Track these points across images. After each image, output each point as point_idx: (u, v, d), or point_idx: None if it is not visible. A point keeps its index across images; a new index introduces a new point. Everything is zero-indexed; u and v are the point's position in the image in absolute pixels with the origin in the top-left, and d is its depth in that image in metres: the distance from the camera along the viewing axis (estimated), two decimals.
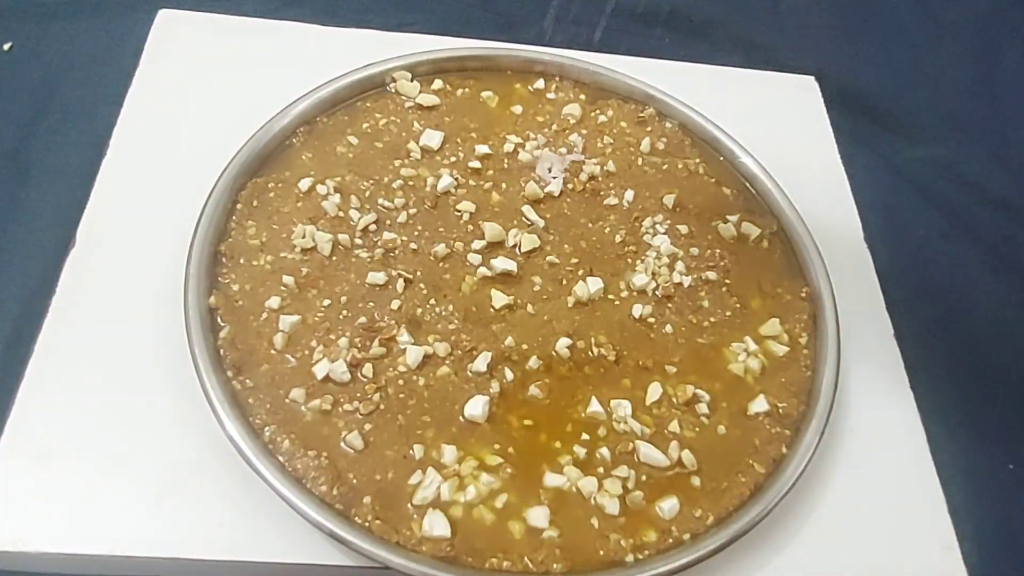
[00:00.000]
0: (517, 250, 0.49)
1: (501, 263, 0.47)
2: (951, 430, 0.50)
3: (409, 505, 0.39)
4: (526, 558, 0.38)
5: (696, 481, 0.42)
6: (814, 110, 0.63)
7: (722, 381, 0.46)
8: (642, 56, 0.62)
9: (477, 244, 0.48)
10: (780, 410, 0.45)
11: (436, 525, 0.38)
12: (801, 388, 0.46)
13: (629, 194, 0.52)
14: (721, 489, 0.42)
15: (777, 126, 0.61)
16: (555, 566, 0.38)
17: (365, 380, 0.42)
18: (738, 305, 0.49)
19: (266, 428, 0.40)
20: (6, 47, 0.58)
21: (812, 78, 0.65)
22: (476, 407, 0.42)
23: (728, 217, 0.53)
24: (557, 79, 0.58)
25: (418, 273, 0.47)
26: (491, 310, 0.46)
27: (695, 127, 0.57)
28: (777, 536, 0.43)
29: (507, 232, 0.49)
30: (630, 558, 0.39)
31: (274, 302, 0.44)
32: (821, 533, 0.44)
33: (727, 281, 0.50)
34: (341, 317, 0.44)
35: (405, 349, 0.44)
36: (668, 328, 0.47)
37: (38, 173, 0.52)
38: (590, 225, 0.51)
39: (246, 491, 0.39)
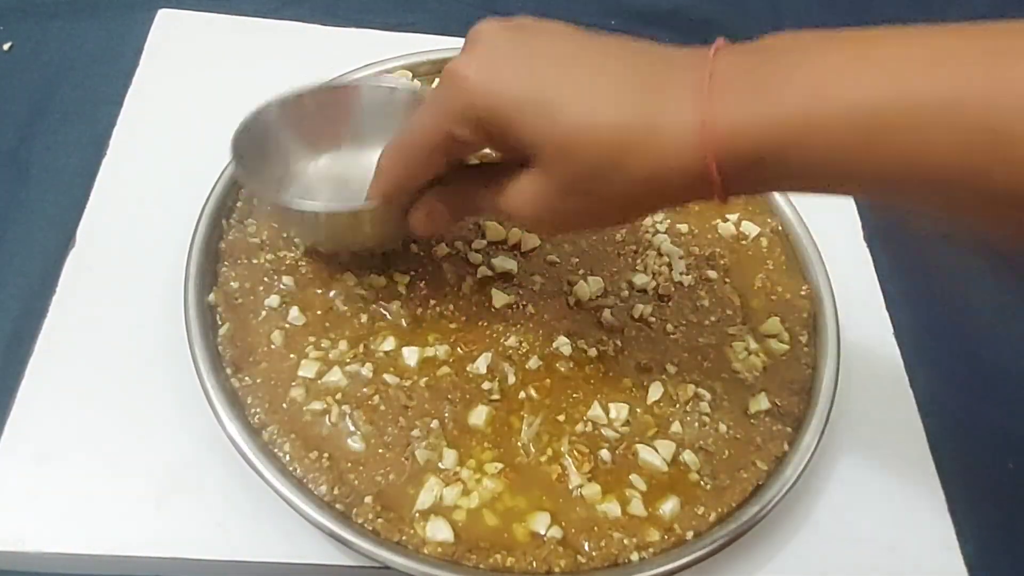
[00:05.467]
0: (518, 249, 0.49)
1: (501, 262, 0.47)
2: (951, 430, 0.50)
3: (410, 507, 0.39)
4: (529, 555, 0.38)
5: (698, 479, 0.42)
6: None
7: (723, 380, 0.46)
8: None
9: (478, 244, 0.48)
10: (781, 408, 0.45)
11: (438, 529, 0.38)
12: (802, 386, 0.46)
13: None
14: (723, 487, 0.42)
15: None
16: (560, 563, 0.38)
17: (365, 380, 0.42)
18: (739, 304, 0.49)
19: (266, 428, 0.40)
20: (6, 47, 0.58)
21: None
22: (478, 414, 0.42)
23: (728, 216, 0.53)
24: None
25: (418, 273, 0.47)
26: (491, 310, 0.46)
27: None
28: (777, 535, 0.43)
29: (508, 231, 0.49)
30: (635, 556, 0.39)
31: (274, 300, 0.44)
32: (821, 533, 0.44)
33: (727, 280, 0.50)
34: (341, 317, 0.44)
35: (405, 349, 0.44)
36: (668, 328, 0.47)
37: (38, 173, 0.52)
38: None
39: (246, 491, 0.39)
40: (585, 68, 0.33)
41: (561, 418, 0.43)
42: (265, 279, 0.45)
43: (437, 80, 0.56)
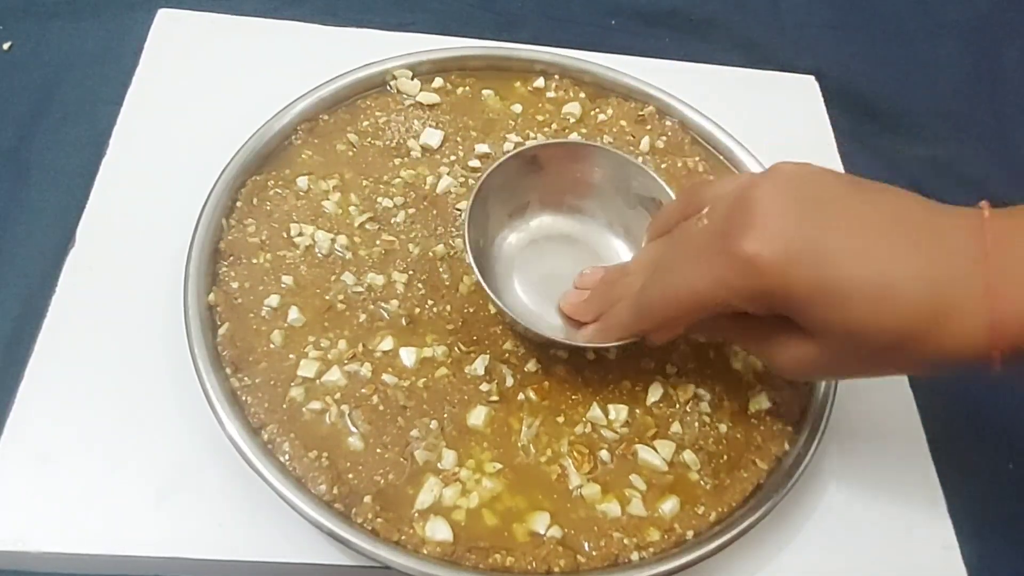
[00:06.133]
0: None
1: None
2: (951, 430, 0.50)
3: (409, 506, 0.39)
4: (528, 555, 0.38)
5: (698, 480, 0.42)
6: (814, 110, 0.63)
7: (723, 380, 0.46)
8: (642, 56, 0.62)
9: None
10: (781, 408, 0.45)
11: (437, 529, 0.38)
12: (802, 386, 0.46)
13: None
14: (723, 487, 0.42)
15: (777, 126, 0.60)
16: (560, 562, 0.38)
17: (364, 380, 0.42)
18: None
19: (265, 428, 0.40)
20: (6, 47, 0.58)
21: (812, 78, 0.65)
22: (477, 415, 0.42)
23: None
24: (557, 78, 0.58)
25: (416, 273, 0.47)
26: (489, 311, 0.46)
27: (695, 126, 0.57)
28: (777, 536, 0.43)
29: None
30: (635, 556, 0.39)
31: (273, 300, 0.44)
32: (821, 533, 0.44)
33: None
34: (340, 316, 0.44)
35: (403, 350, 0.44)
36: None
37: (38, 173, 0.52)
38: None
39: (246, 491, 0.39)
40: (872, 248, 0.32)
41: (560, 419, 0.43)
42: (265, 279, 0.45)
43: (437, 79, 0.56)
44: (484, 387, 0.43)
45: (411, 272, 0.46)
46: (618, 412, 0.43)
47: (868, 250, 0.32)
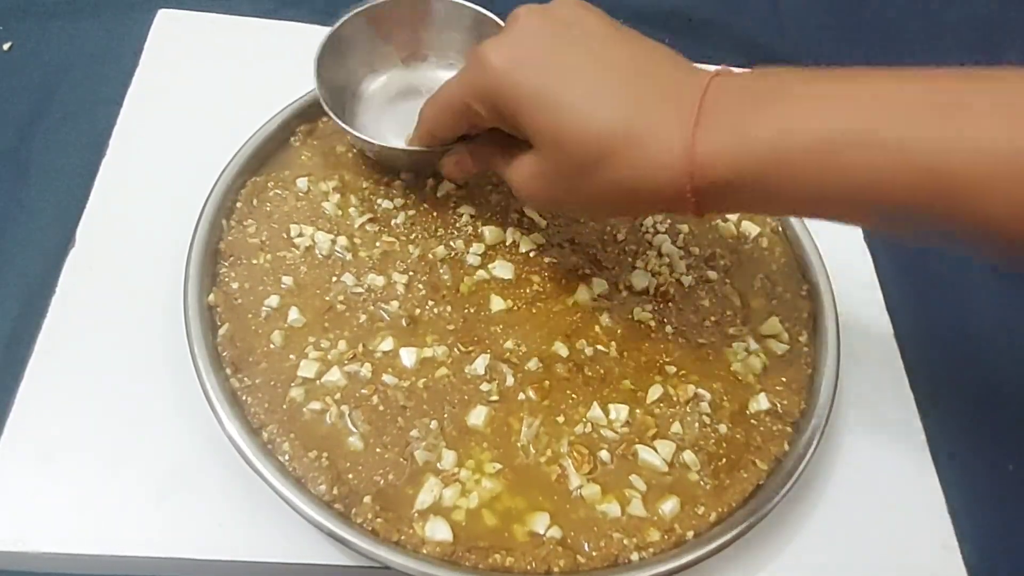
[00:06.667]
0: (516, 250, 0.49)
1: (499, 270, 0.47)
2: (951, 430, 0.50)
3: (409, 506, 0.39)
4: (528, 555, 0.38)
5: (698, 480, 0.42)
6: None
7: (723, 380, 0.46)
8: None
9: (476, 247, 0.48)
10: (781, 408, 0.45)
11: (437, 529, 0.38)
12: (802, 385, 0.46)
13: None
14: (723, 487, 0.42)
15: None
16: (559, 563, 0.38)
17: (364, 380, 0.42)
18: (738, 304, 0.49)
19: (265, 428, 0.40)
20: (6, 47, 0.58)
21: None
22: (477, 415, 0.42)
23: (728, 216, 0.53)
24: None
25: (417, 274, 0.47)
26: (490, 311, 0.46)
27: None
28: (777, 536, 0.43)
29: (505, 231, 0.49)
30: (635, 556, 0.39)
31: (273, 301, 0.44)
32: (821, 533, 0.44)
33: (727, 280, 0.50)
34: (340, 317, 0.44)
35: (403, 350, 0.44)
36: (668, 328, 0.47)
37: (38, 173, 0.53)
38: (591, 224, 0.51)
39: (246, 491, 0.39)
40: (595, 74, 0.36)
41: (560, 419, 0.43)
42: (265, 279, 0.45)
43: None
44: (484, 387, 0.43)
45: (411, 273, 0.47)
46: (618, 412, 0.43)
47: (588, 72, 0.36)
